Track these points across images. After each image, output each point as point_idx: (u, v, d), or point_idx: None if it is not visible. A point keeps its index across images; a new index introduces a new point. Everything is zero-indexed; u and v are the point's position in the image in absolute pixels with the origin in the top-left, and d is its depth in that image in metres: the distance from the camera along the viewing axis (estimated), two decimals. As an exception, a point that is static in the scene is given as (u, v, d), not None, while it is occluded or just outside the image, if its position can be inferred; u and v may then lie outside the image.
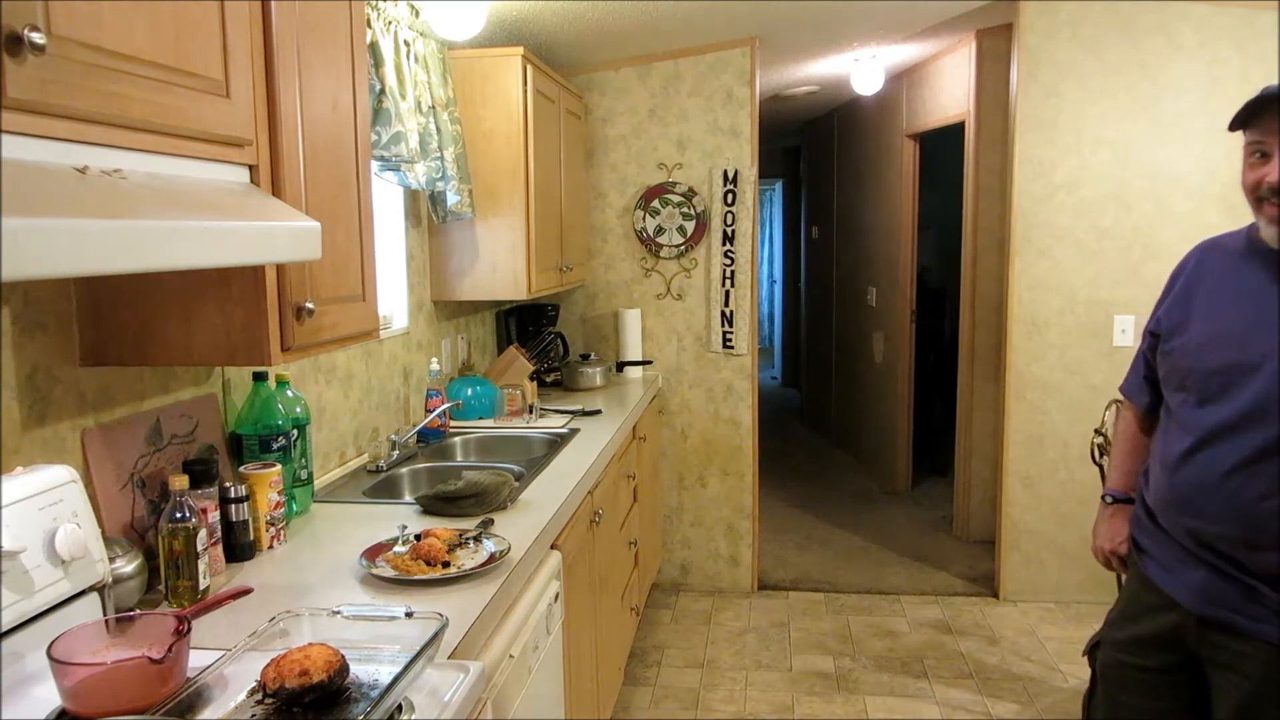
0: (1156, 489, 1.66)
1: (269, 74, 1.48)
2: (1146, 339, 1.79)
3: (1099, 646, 1.83)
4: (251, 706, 1.18)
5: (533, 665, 1.87)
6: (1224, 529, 1.52)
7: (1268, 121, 1.46)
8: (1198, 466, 1.54)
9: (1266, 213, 1.49)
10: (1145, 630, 1.70)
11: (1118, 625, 1.79)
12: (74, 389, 1.54)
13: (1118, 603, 1.83)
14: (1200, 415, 1.55)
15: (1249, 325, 1.52)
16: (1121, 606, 1.80)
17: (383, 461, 2.51)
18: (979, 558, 4.45)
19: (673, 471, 4.21)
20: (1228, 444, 1.51)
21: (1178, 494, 1.58)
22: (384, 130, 2.39)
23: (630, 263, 4.13)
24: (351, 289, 1.80)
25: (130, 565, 1.49)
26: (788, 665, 3.44)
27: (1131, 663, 1.73)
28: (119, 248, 1.01)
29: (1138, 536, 1.77)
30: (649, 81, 4.00)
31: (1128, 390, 1.88)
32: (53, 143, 1.04)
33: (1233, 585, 1.53)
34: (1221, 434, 1.52)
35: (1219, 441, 1.52)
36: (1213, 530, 1.53)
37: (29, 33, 0.95)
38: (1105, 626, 1.83)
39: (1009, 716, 3.06)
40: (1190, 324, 1.62)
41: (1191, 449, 1.56)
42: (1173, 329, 1.66)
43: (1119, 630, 1.78)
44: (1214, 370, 1.54)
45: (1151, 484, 1.69)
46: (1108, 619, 1.84)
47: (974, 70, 4.37)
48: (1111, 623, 1.81)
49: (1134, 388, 1.86)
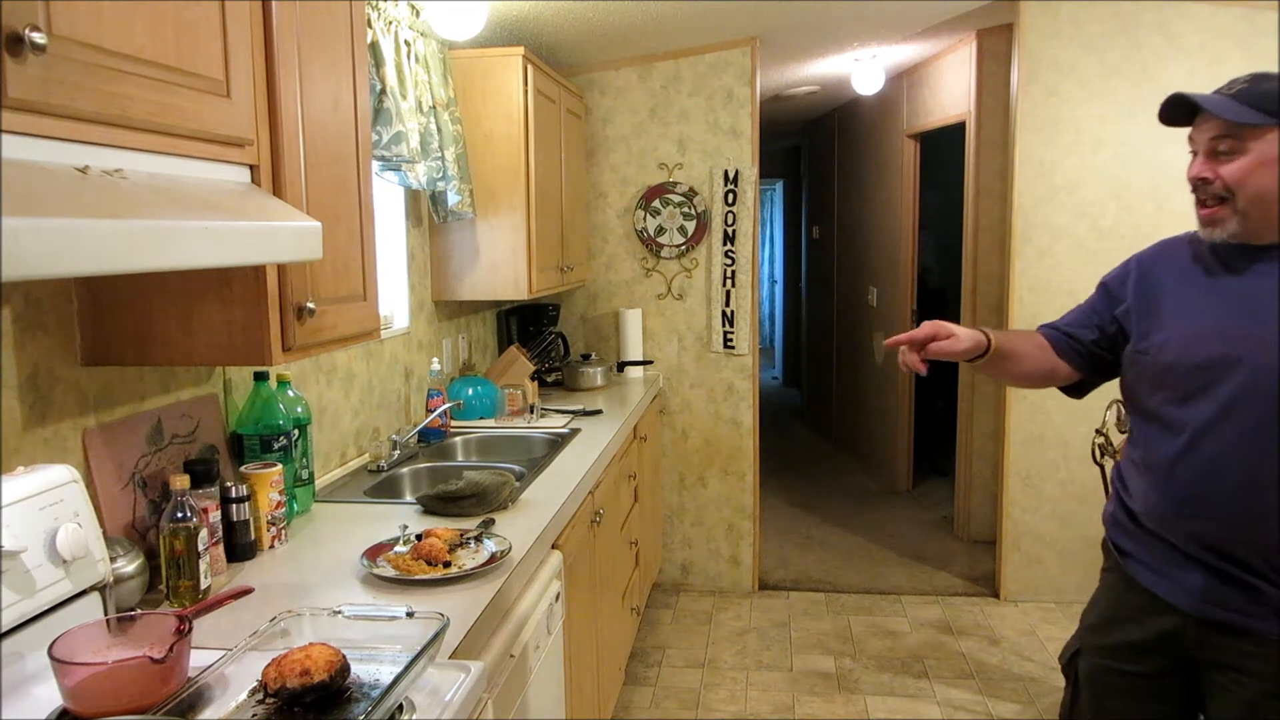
0: (1146, 498, 1.63)
1: (269, 74, 1.48)
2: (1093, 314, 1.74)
3: (1079, 654, 1.77)
4: (252, 706, 1.18)
5: (533, 665, 1.87)
6: (1227, 527, 1.51)
7: (1187, 123, 1.53)
8: (1191, 467, 1.53)
9: (1197, 212, 1.56)
10: (1135, 635, 1.66)
11: (1101, 631, 1.74)
12: (75, 389, 1.54)
13: (1095, 607, 1.78)
14: (1184, 414, 1.54)
15: (1223, 319, 1.53)
16: (1103, 611, 1.75)
17: (384, 461, 2.51)
18: (980, 558, 4.45)
19: (673, 471, 4.21)
20: (1218, 439, 1.50)
21: (1175, 498, 1.56)
22: (385, 130, 2.39)
23: (631, 263, 4.13)
24: (352, 289, 1.80)
25: (131, 565, 1.49)
26: (788, 665, 3.44)
27: (1119, 669, 1.69)
28: (120, 248, 1.01)
29: (1118, 540, 1.73)
30: (649, 81, 4.01)
31: (1053, 338, 1.77)
32: (54, 142, 1.04)
33: (1234, 584, 1.53)
34: (1211, 430, 1.51)
35: (1210, 438, 1.51)
36: (1215, 530, 1.52)
37: (30, 33, 0.95)
38: (1084, 632, 1.78)
39: (1010, 716, 3.06)
40: (1161, 325, 1.61)
41: (1183, 450, 1.54)
42: (1143, 333, 1.64)
43: (1103, 636, 1.73)
44: (1196, 366, 1.54)
45: (1137, 493, 1.66)
46: (1085, 624, 1.79)
47: (974, 70, 4.37)
48: (1093, 628, 1.76)
49: (1060, 340, 1.76)
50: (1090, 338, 1.74)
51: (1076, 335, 1.75)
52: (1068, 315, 1.80)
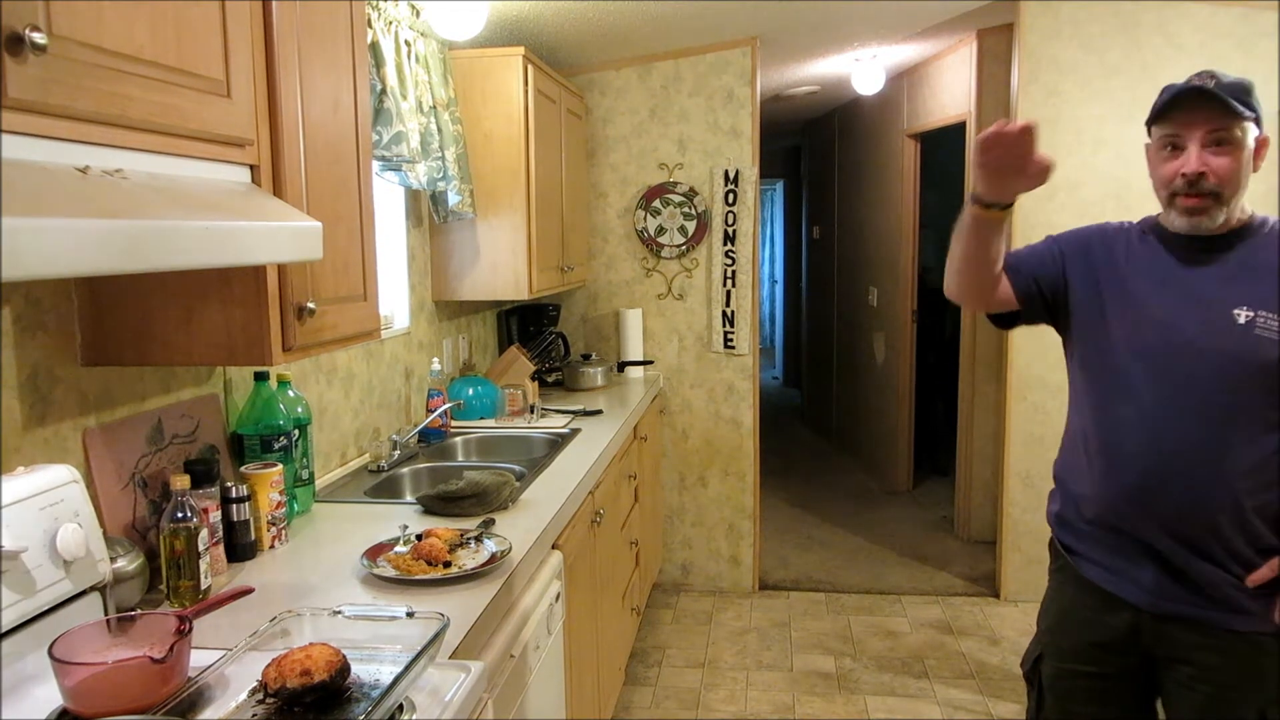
0: (1099, 486, 1.62)
1: (270, 74, 1.48)
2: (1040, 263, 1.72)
3: (1041, 660, 1.76)
4: (252, 706, 1.18)
5: (534, 665, 1.87)
6: (1184, 512, 1.51)
7: (1182, 115, 1.50)
8: (1149, 452, 1.53)
9: (1180, 205, 1.53)
10: (1095, 636, 1.66)
11: (1060, 633, 1.73)
12: (75, 389, 1.54)
13: (1050, 609, 1.77)
14: (1142, 398, 1.55)
15: (1181, 306, 1.54)
16: (1058, 614, 1.74)
17: (384, 461, 2.51)
18: (980, 558, 4.45)
19: (674, 471, 4.21)
20: (1176, 425, 1.51)
21: (1132, 485, 1.56)
22: (385, 130, 2.40)
23: (631, 263, 4.13)
24: (353, 289, 1.80)
25: (131, 565, 1.49)
26: (789, 665, 3.44)
27: (1081, 670, 1.68)
28: (120, 248, 1.01)
29: (1065, 540, 1.72)
30: (649, 81, 4.01)
31: (1010, 255, 1.72)
32: (54, 143, 1.04)
33: (1187, 576, 1.53)
34: (1169, 416, 1.52)
35: (1167, 424, 1.52)
36: (1173, 516, 1.52)
37: (30, 33, 0.95)
38: (1043, 636, 1.77)
39: (1010, 717, 3.06)
40: (1119, 308, 1.60)
41: (1140, 436, 1.54)
42: (1098, 312, 1.63)
43: (1063, 639, 1.72)
44: (1154, 351, 1.54)
45: (1088, 484, 1.65)
46: (1043, 627, 1.78)
47: (975, 70, 4.37)
48: (1051, 631, 1.75)
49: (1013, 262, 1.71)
50: (1040, 273, 1.70)
51: (1030, 271, 1.71)
52: (1027, 248, 1.76)
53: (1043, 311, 1.73)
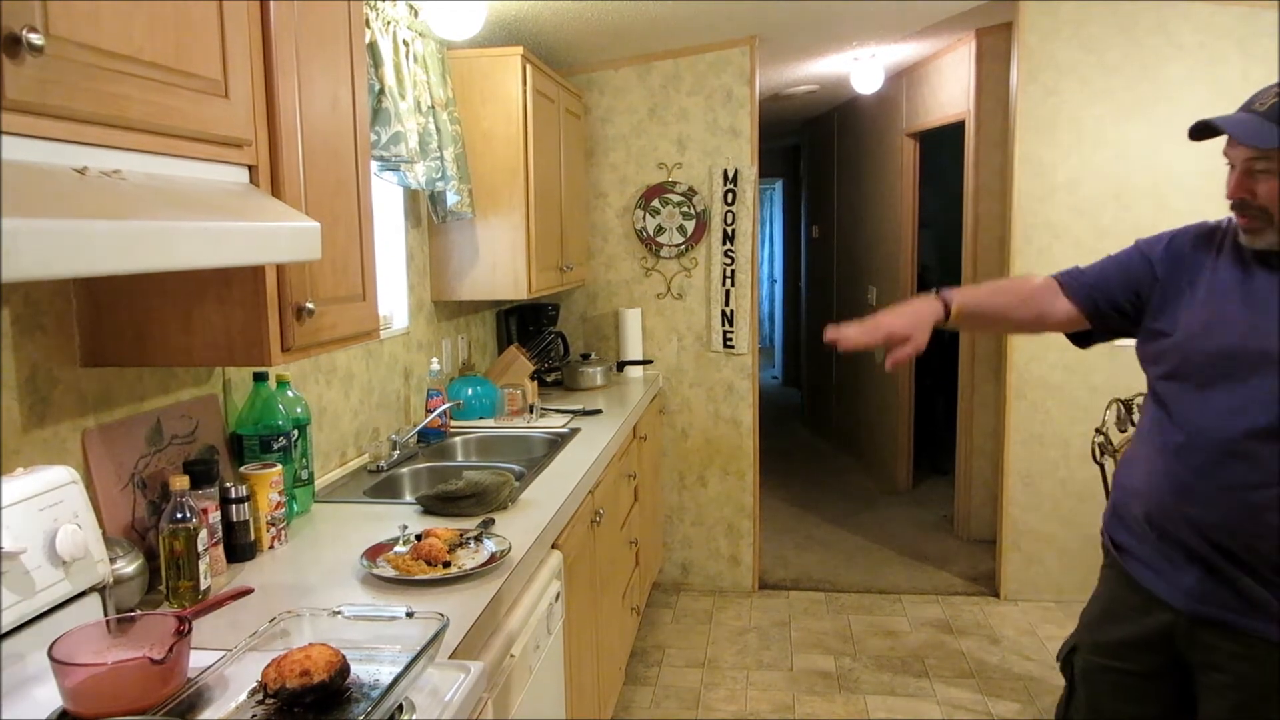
0: (1152, 482, 1.62)
1: (268, 74, 1.48)
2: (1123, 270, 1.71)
3: (1075, 651, 1.78)
4: (252, 707, 1.18)
5: (533, 665, 1.87)
6: (1226, 519, 1.51)
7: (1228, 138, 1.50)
8: (1198, 454, 1.53)
9: (1237, 221, 1.53)
10: (1129, 633, 1.66)
11: (1098, 628, 1.74)
12: (74, 389, 1.54)
13: (1094, 604, 1.78)
14: (1199, 400, 1.54)
15: (1248, 312, 1.52)
16: (1101, 608, 1.75)
17: (383, 461, 2.51)
18: (979, 557, 4.45)
19: (673, 471, 4.21)
20: (1227, 430, 1.50)
21: (1180, 483, 1.56)
22: (383, 130, 2.39)
23: (630, 262, 4.13)
24: (351, 289, 1.80)
25: (131, 566, 1.49)
26: (789, 665, 3.44)
27: (1114, 666, 1.69)
28: (119, 248, 1.01)
29: (1116, 535, 1.73)
30: (648, 81, 4.00)
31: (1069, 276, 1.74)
32: (52, 143, 1.04)
33: (1228, 583, 1.53)
34: (1221, 419, 1.51)
35: (1219, 428, 1.51)
36: (1215, 521, 1.52)
37: (27, 34, 0.95)
38: (1082, 629, 1.79)
39: (1010, 716, 3.06)
40: (1186, 308, 1.60)
41: (1193, 436, 1.54)
42: (1167, 312, 1.63)
43: (1100, 633, 1.73)
44: (1215, 355, 1.53)
45: (1143, 480, 1.65)
46: (1083, 621, 1.79)
47: (974, 69, 4.37)
48: (1090, 625, 1.77)
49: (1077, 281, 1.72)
50: (1119, 293, 1.69)
51: (1102, 285, 1.70)
52: (1095, 264, 1.74)
53: (1116, 328, 1.73)
